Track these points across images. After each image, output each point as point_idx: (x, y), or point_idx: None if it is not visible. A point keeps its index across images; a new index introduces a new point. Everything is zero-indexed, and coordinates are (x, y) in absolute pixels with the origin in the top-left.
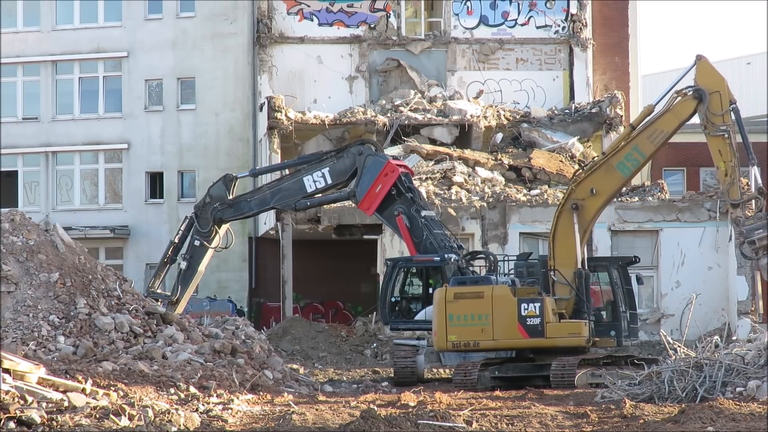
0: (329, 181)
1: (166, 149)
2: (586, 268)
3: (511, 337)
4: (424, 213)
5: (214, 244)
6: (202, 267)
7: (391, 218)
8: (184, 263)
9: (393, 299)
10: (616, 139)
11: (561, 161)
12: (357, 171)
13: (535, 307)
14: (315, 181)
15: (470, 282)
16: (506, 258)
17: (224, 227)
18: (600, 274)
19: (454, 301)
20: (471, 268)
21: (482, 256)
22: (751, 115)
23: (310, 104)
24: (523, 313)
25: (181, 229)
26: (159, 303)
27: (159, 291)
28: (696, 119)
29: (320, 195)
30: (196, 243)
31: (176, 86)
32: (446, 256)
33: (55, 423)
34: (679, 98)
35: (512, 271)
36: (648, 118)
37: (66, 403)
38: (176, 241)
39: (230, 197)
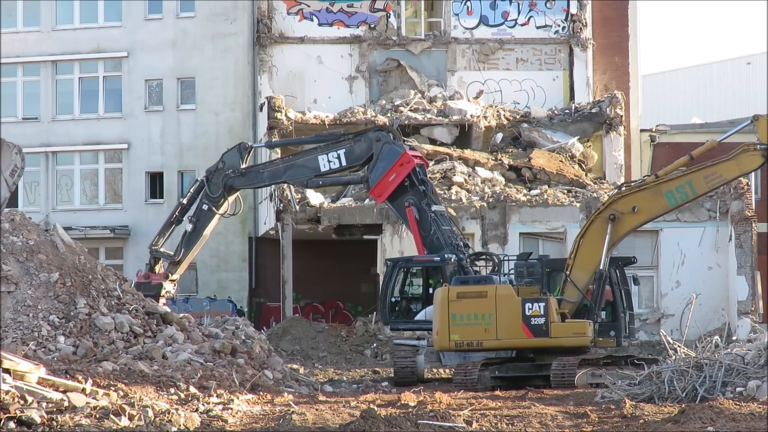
0: (344, 163)
1: (166, 149)
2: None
3: (515, 337)
4: (434, 207)
5: (221, 210)
6: (207, 231)
7: (401, 209)
8: (189, 225)
9: (393, 299)
10: (674, 164)
11: (561, 161)
12: (372, 156)
13: (539, 306)
14: (330, 161)
15: (473, 281)
16: (506, 258)
17: (234, 195)
18: None
19: (456, 300)
20: (474, 268)
21: (485, 257)
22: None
23: (310, 104)
24: (527, 313)
25: (191, 191)
26: (161, 262)
27: (162, 250)
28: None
29: (333, 176)
30: (204, 207)
31: (176, 86)
32: (446, 256)
33: (55, 423)
34: (747, 151)
35: (512, 271)
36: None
37: (66, 403)
38: (185, 202)
39: (243, 166)
